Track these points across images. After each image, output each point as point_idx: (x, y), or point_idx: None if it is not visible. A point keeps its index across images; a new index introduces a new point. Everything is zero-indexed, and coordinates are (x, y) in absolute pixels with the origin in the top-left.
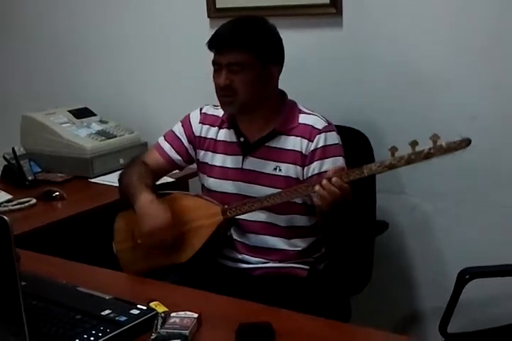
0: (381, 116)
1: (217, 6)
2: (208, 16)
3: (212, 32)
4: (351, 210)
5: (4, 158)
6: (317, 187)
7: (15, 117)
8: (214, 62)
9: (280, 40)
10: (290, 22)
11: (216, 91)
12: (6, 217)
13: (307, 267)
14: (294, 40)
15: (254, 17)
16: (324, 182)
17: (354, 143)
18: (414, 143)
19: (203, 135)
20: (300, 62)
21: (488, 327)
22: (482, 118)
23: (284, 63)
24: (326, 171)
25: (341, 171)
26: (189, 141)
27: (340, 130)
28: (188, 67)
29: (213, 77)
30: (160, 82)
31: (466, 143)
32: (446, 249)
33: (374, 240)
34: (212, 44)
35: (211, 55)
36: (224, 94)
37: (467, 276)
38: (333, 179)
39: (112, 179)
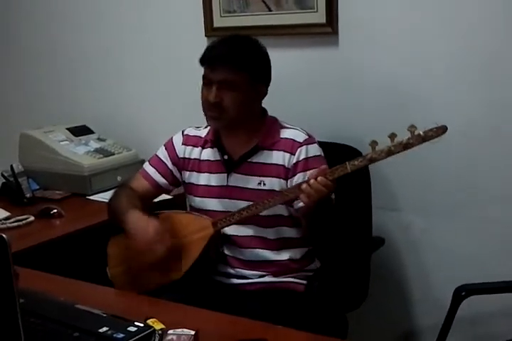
0: (375, 133)
1: (214, 25)
2: (206, 35)
3: None
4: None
5: (2, 175)
6: (304, 186)
7: (13, 135)
8: (204, 77)
9: (269, 61)
10: (286, 41)
11: (203, 105)
12: (4, 235)
13: (304, 282)
14: (290, 58)
15: (247, 37)
16: (312, 181)
17: (348, 159)
18: (393, 136)
19: (186, 156)
20: (296, 80)
21: None
22: (475, 134)
23: (281, 81)
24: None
25: (325, 170)
26: (173, 163)
27: (335, 146)
28: (185, 85)
29: (202, 90)
30: (158, 99)
31: (443, 129)
32: (442, 265)
33: (370, 256)
34: (205, 59)
35: None
36: (212, 110)
37: (463, 293)
38: (319, 178)
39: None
